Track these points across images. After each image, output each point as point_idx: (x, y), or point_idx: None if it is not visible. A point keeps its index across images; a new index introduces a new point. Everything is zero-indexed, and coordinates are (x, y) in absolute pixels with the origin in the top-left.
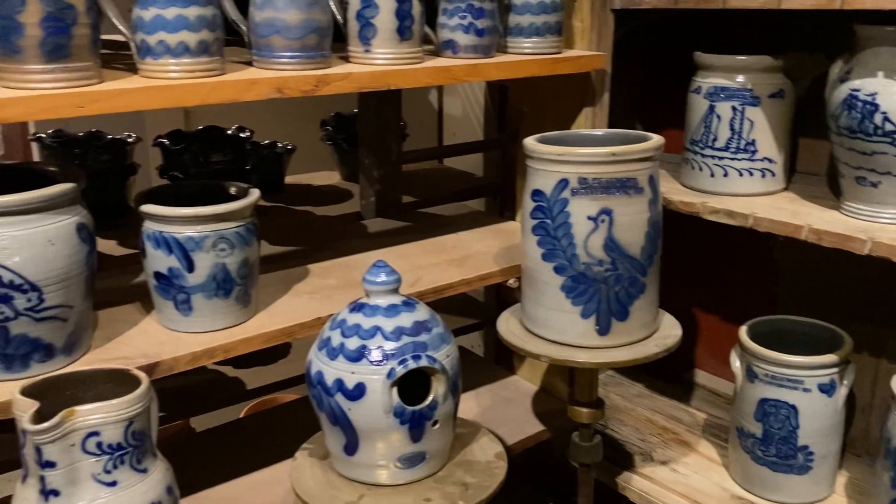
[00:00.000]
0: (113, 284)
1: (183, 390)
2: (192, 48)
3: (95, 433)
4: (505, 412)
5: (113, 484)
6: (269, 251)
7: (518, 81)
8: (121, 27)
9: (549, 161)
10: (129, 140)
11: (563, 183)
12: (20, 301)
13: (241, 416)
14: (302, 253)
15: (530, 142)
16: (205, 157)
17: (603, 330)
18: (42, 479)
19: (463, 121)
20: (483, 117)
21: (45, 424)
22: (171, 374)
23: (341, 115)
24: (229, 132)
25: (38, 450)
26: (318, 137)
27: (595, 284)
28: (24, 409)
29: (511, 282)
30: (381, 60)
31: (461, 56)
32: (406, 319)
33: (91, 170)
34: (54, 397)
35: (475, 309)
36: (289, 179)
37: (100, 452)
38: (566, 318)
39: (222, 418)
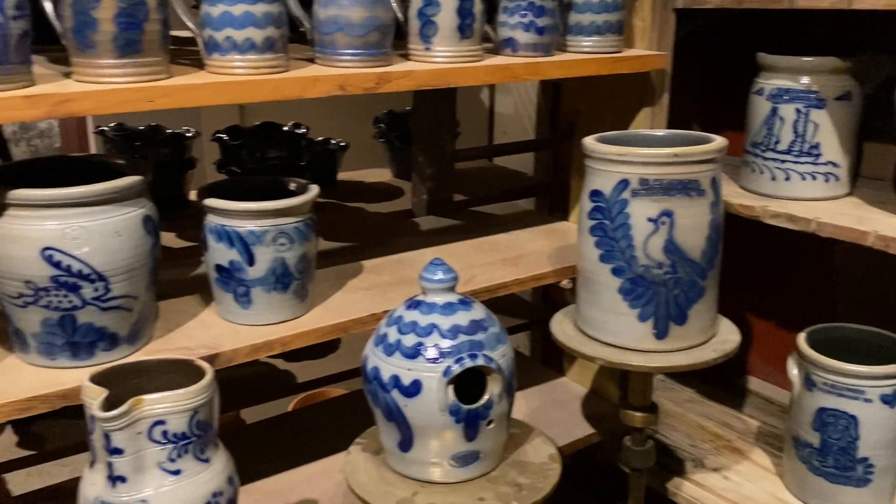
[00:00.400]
0: (172, 276)
1: (235, 382)
2: (259, 45)
3: (161, 422)
4: (554, 414)
5: (177, 472)
6: (323, 247)
7: (574, 80)
8: (189, 23)
9: (610, 161)
10: (188, 135)
11: (624, 184)
12: (87, 290)
13: (290, 409)
14: (355, 249)
15: (590, 141)
16: (261, 152)
17: (660, 334)
18: (109, 465)
19: (514, 119)
20: (535, 116)
21: (114, 412)
22: (230, 365)
23: (394, 113)
24: (285, 128)
25: (106, 437)
26: (370, 135)
27: (654, 287)
28: (94, 397)
29: (564, 283)
30: (441, 58)
31: (521, 54)
32: (463, 318)
33: (151, 163)
34: (120, 386)
35: (523, 309)
36: (341, 176)
37: (165, 441)
38: (623, 321)
39: (271, 411)
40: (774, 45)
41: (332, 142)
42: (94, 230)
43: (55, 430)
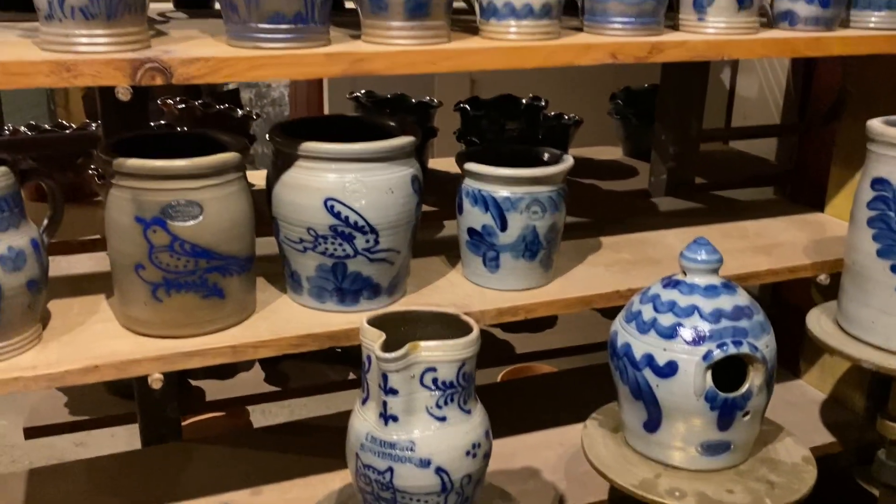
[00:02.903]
0: (417, 238)
1: None
2: (536, 10)
3: (433, 369)
4: (789, 418)
5: (443, 419)
6: None
7: (836, 59)
8: None
9: None
10: (433, 104)
11: None
12: (360, 241)
13: (499, 379)
14: (592, 225)
15: (878, 124)
16: (500, 124)
17: None
18: (384, 403)
19: (757, 102)
20: (782, 98)
21: (395, 354)
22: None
23: (631, 90)
24: (524, 101)
25: (384, 376)
26: (599, 111)
27: None
28: (374, 339)
29: (822, 278)
30: (714, 29)
31: (799, 28)
32: (726, 302)
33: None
34: (391, 331)
35: None
36: (570, 152)
37: (434, 388)
38: None
39: (481, 378)
40: None
41: (566, 117)
42: (371, 185)
43: (299, 370)
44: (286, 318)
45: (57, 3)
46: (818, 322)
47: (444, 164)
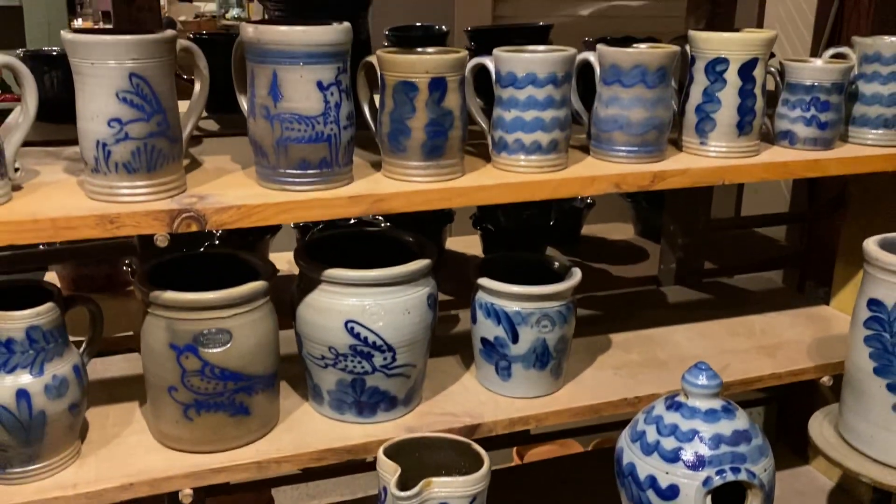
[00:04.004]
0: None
1: None
2: (544, 146)
3: (444, 503)
4: None
5: None
6: None
7: None
8: (481, 122)
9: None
10: None
11: None
12: (378, 359)
13: (514, 455)
14: (603, 319)
15: (873, 247)
16: (514, 209)
17: None
18: None
19: (768, 185)
20: (791, 182)
21: (409, 493)
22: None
23: None
24: None
25: None
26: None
27: None
28: (391, 473)
29: (824, 380)
30: (716, 153)
31: (798, 147)
32: (726, 427)
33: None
34: (405, 457)
35: None
36: (584, 231)
37: None
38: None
39: (497, 460)
40: None
41: (579, 199)
42: (388, 307)
43: None
44: (308, 431)
45: (103, 159)
46: (820, 429)
47: (461, 244)
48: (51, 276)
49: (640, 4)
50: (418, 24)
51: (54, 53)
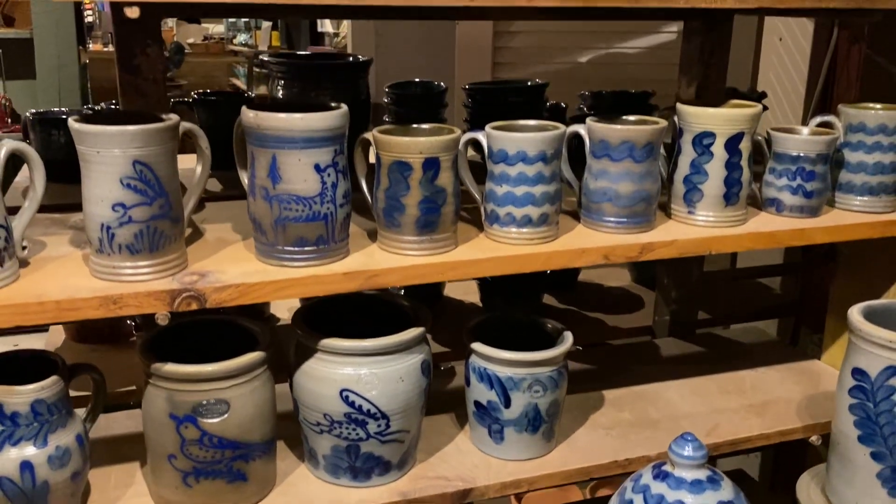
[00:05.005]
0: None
1: None
2: (535, 220)
3: None
4: None
5: None
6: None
7: None
8: (475, 195)
9: (878, 346)
10: None
11: (892, 371)
12: (372, 426)
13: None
14: (597, 374)
15: (857, 316)
16: None
17: None
18: None
19: None
20: None
21: None
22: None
23: None
24: None
25: None
26: None
27: None
28: None
29: (813, 439)
30: (703, 222)
31: (786, 215)
32: (711, 498)
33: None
34: None
35: None
36: (581, 276)
37: None
38: None
39: None
40: None
41: None
42: (382, 376)
43: None
44: (303, 495)
45: (107, 241)
46: (808, 491)
47: (459, 289)
48: (55, 327)
49: (636, 52)
50: (417, 80)
51: (63, 116)
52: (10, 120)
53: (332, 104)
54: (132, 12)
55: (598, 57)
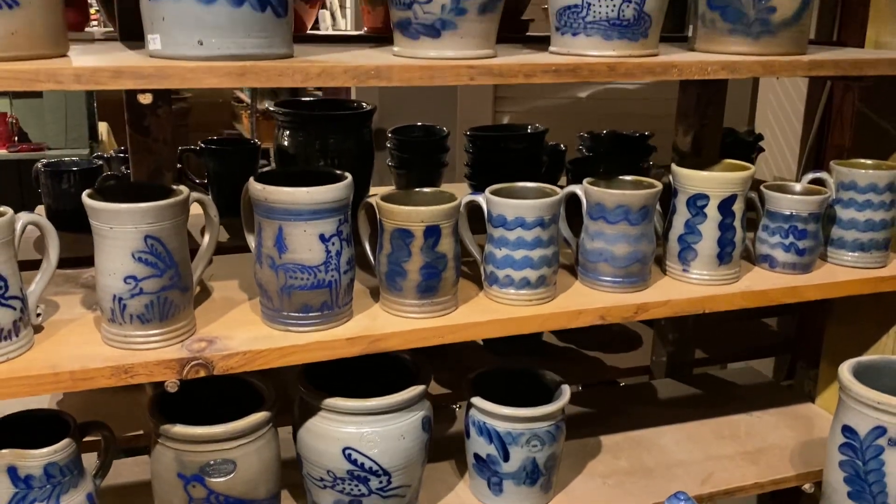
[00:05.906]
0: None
1: None
2: (533, 282)
3: None
4: None
5: None
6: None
7: None
8: (476, 256)
9: (867, 406)
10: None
11: (881, 431)
12: (374, 482)
13: None
14: (595, 417)
15: (847, 376)
16: None
17: None
18: None
19: None
20: None
21: None
22: None
23: None
24: None
25: None
26: None
27: None
28: None
29: (806, 487)
30: (698, 280)
31: (778, 271)
32: None
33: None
34: None
35: None
36: None
37: None
38: None
39: None
40: None
41: None
42: (384, 434)
43: None
44: None
45: (119, 311)
46: None
47: None
48: None
49: (636, 87)
50: (419, 124)
51: (74, 168)
52: (17, 139)
53: (337, 172)
54: (145, 99)
55: (598, 92)
